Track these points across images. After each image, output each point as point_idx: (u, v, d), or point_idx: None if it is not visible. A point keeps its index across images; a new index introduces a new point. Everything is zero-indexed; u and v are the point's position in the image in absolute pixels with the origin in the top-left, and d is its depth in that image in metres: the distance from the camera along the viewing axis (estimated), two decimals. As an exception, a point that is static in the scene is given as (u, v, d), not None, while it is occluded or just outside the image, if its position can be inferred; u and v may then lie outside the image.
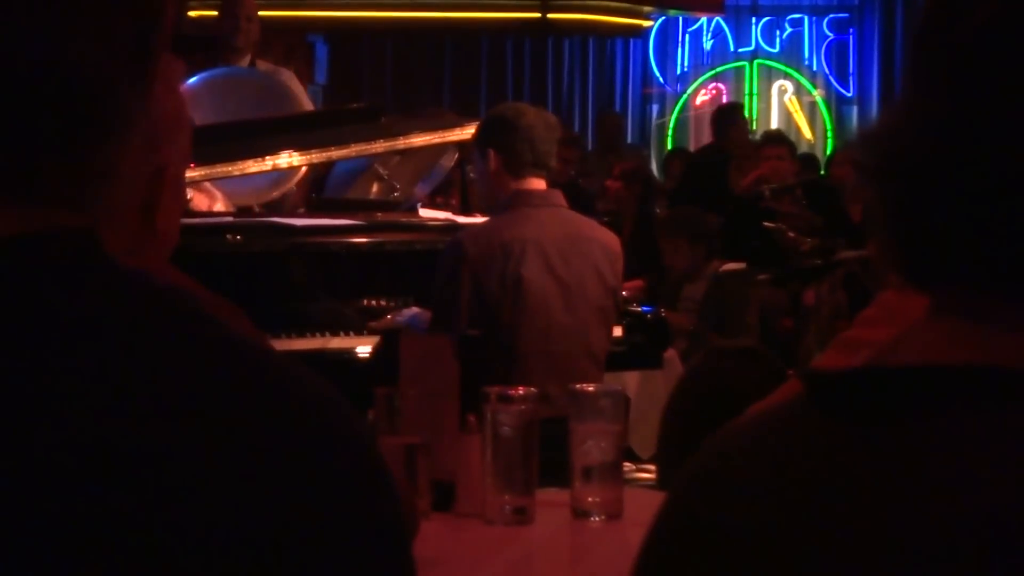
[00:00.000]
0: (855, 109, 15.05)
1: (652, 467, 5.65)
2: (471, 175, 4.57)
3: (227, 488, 0.79)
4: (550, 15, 13.84)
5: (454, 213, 5.87)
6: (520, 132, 4.30)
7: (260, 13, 6.62)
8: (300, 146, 5.40)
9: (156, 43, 0.90)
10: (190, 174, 4.56)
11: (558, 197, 4.40)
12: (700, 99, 15.18)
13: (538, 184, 4.33)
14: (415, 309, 4.74)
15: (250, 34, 6.37)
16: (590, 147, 13.49)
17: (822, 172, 10.95)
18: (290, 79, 6.47)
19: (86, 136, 0.86)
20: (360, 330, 4.83)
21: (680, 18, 15.06)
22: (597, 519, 2.90)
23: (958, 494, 0.78)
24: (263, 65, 6.59)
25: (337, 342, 4.79)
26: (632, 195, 9.26)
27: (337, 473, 0.84)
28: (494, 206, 4.42)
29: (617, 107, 14.82)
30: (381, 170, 5.85)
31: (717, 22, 15.05)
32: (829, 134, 14.94)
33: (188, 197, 5.06)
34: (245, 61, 6.39)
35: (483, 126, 4.54)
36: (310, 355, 4.60)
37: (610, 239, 4.47)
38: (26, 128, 0.84)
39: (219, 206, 5.44)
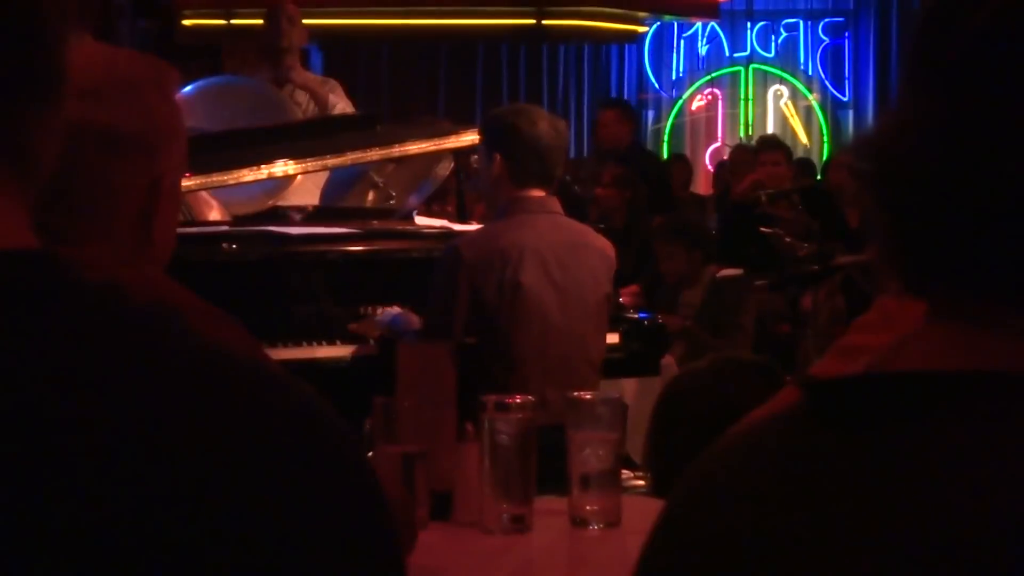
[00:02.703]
0: (851, 113, 15.07)
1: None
2: (474, 165, 4.54)
3: (199, 500, 0.78)
4: (545, 22, 13.84)
5: (450, 220, 5.87)
6: (529, 143, 4.24)
7: (253, 22, 6.71)
8: (295, 155, 5.40)
9: None
10: (185, 183, 4.57)
11: (555, 204, 4.40)
12: (696, 104, 15.20)
13: (538, 193, 4.32)
14: (396, 309, 4.74)
15: (293, 36, 6.47)
16: (586, 153, 13.51)
17: (818, 177, 10.96)
18: (334, 89, 6.53)
19: (22, 87, 0.84)
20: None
21: (675, 24, 15.08)
22: (595, 527, 2.90)
23: (959, 499, 0.78)
24: (310, 75, 6.70)
25: (333, 351, 4.79)
26: (623, 200, 9.26)
27: (321, 484, 0.83)
28: (491, 209, 4.42)
29: (613, 113, 14.81)
30: (377, 178, 5.85)
31: (712, 27, 15.07)
32: (825, 139, 14.95)
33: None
34: (294, 63, 6.47)
35: (493, 126, 4.42)
36: (306, 364, 4.60)
37: (605, 246, 4.47)
38: None
39: (215, 215, 5.44)
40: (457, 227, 5.39)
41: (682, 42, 15.20)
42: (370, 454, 2.83)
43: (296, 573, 0.79)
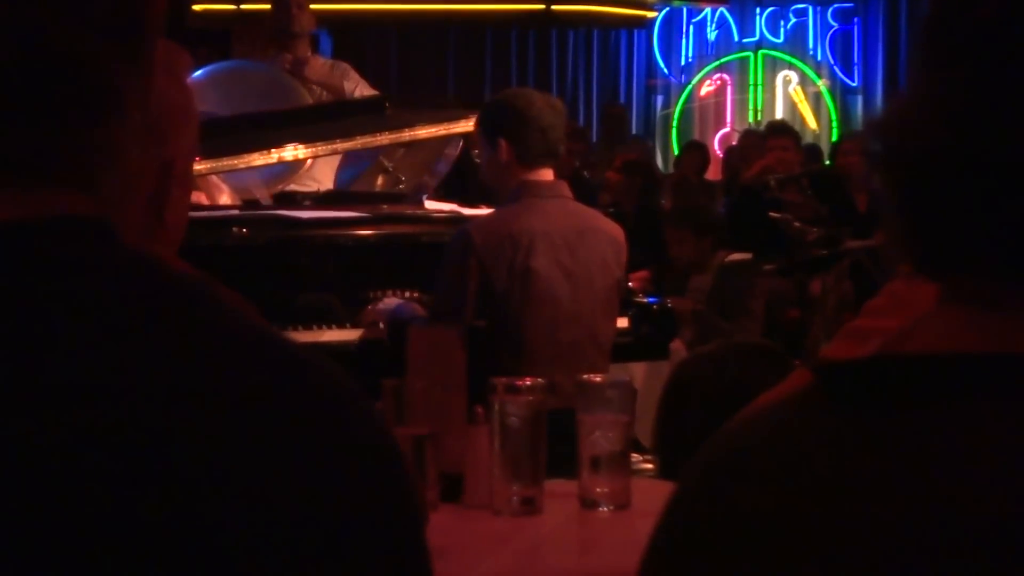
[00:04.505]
0: (860, 99, 15.04)
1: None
2: (476, 160, 4.56)
3: (240, 474, 0.80)
4: (554, 7, 13.83)
5: (459, 204, 5.87)
6: (532, 122, 4.26)
7: (263, 7, 6.71)
8: (305, 139, 5.40)
9: (146, 21, 0.90)
10: (196, 167, 4.58)
11: (564, 188, 4.40)
12: (704, 90, 15.18)
13: (546, 175, 4.33)
14: (397, 300, 4.75)
15: (303, 21, 6.46)
16: (594, 138, 13.49)
17: (827, 162, 10.95)
18: (346, 73, 6.53)
19: (78, 116, 0.86)
20: (366, 323, 4.83)
21: (684, 8, 15.06)
22: (605, 509, 2.91)
23: (971, 481, 0.78)
24: (320, 59, 6.70)
25: (342, 334, 4.79)
26: (633, 186, 9.26)
27: (353, 460, 0.84)
28: (501, 195, 4.42)
29: (621, 98, 14.82)
30: (386, 162, 5.85)
31: (721, 12, 15.05)
32: (834, 124, 14.93)
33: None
34: (305, 48, 6.47)
35: (491, 113, 4.45)
36: (315, 348, 4.59)
37: (615, 230, 4.47)
38: (11, 111, 0.84)
39: (225, 199, 5.45)
40: (466, 211, 5.39)
41: (691, 27, 15.18)
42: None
43: (321, 546, 0.80)
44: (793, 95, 15.14)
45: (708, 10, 15.04)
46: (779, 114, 14.66)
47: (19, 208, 0.84)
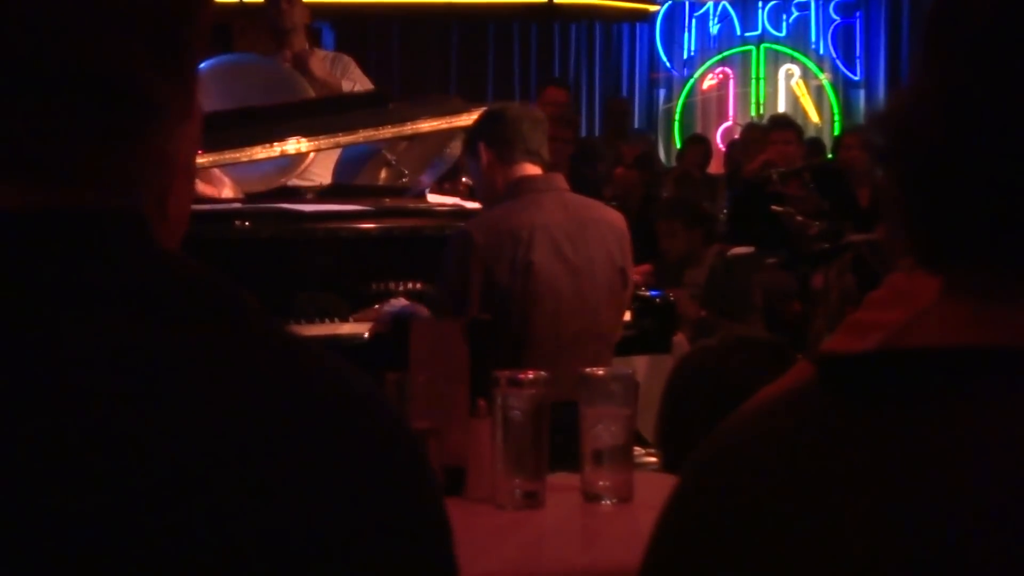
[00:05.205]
0: (862, 93, 15.02)
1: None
2: (466, 182, 4.64)
3: (269, 471, 0.81)
4: (556, 0, 13.81)
5: (462, 199, 5.87)
6: (507, 123, 4.35)
7: (264, 0, 6.71)
8: (308, 132, 5.40)
9: (186, 40, 0.92)
10: (198, 160, 4.57)
11: (560, 180, 4.42)
12: (707, 83, 15.17)
13: (533, 170, 4.35)
14: (403, 301, 4.76)
15: (294, 15, 6.46)
16: (598, 133, 13.48)
17: (829, 156, 10.94)
18: (347, 68, 6.54)
19: (118, 127, 0.89)
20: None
21: (686, 2, 15.05)
22: (608, 503, 2.91)
23: (974, 475, 0.78)
24: (321, 52, 6.70)
25: (346, 328, 4.79)
26: (639, 181, 9.26)
27: (374, 453, 0.86)
28: (494, 199, 4.43)
29: (624, 92, 14.81)
30: (389, 156, 5.85)
31: (723, 6, 15.04)
32: (836, 118, 14.91)
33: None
34: (301, 41, 6.47)
35: (471, 128, 4.61)
36: (318, 341, 4.58)
37: (616, 218, 4.47)
38: (50, 116, 0.86)
39: (227, 192, 5.45)
40: (469, 205, 5.39)
41: (693, 21, 15.17)
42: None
43: (348, 539, 0.82)
44: (795, 89, 15.12)
45: (710, 4, 15.03)
46: (781, 108, 14.64)
47: (54, 200, 0.86)
